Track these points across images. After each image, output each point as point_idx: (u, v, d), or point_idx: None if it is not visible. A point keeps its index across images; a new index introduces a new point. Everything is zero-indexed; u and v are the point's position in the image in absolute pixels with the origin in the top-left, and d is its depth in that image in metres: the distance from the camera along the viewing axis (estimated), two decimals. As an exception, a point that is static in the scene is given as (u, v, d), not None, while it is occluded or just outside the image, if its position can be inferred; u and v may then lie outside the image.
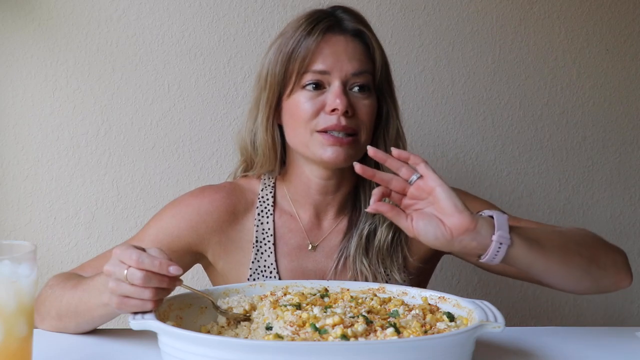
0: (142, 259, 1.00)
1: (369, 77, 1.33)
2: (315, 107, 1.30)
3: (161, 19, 1.83)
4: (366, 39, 1.35)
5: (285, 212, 1.40)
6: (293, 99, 1.32)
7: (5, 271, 0.93)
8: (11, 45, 1.79)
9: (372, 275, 1.35)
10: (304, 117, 1.30)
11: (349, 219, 1.41)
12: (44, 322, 1.23)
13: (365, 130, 1.32)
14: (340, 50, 1.31)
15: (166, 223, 1.37)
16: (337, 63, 1.30)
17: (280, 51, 1.33)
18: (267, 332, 1.02)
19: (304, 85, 1.31)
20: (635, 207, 2.07)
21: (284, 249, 1.38)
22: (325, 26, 1.32)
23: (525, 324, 2.01)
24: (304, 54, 1.31)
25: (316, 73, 1.30)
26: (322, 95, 1.30)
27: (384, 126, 1.38)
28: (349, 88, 1.31)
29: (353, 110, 1.30)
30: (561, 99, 2.01)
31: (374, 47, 1.35)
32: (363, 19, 1.38)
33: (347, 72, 1.30)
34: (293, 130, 1.33)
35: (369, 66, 1.33)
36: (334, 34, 1.33)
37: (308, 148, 1.32)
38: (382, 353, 0.91)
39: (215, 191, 1.40)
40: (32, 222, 1.82)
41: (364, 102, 1.32)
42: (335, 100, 1.28)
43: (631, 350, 1.19)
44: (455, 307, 1.12)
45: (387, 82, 1.38)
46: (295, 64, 1.31)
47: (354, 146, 1.31)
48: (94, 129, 1.83)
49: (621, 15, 2.01)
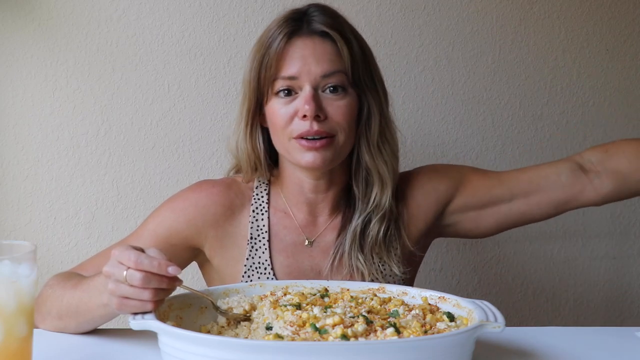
0: (140, 259, 1.00)
1: (342, 76, 1.30)
2: (289, 113, 1.29)
3: (161, 19, 1.83)
4: (335, 38, 1.31)
5: (279, 210, 1.41)
6: (270, 106, 1.32)
7: (5, 271, 0.93)
8: (11, 45, 1.79)
9: (368, 270, 1.35)
10: (280, 124, 1.30)
11: (343, 215, 1.41)
12: (44, 322, 1.23)
13: (342, 131, 1.30)
14: (307, 53, 1.29)
15: (164, 218, 1.37)
16: (305, 67, 1.29)
17: (254, 58, 1.33)
18: (267, 332, 1.02)
19: (276, 92, 1.31)
20: (635, 207, 2.07)
21: (279, 246, 1.38)
22: (291, 29, 1.31)
23: (525, 324, 2.01)
24: (273, 61, 1.30)
25: (285, 79, 1.29)
26: (295, 101, 1.30)
27: (365, 123, 1.36)
28: (321, 90, 1.30)
29: (325, 113, 1.29)
30: (561, 99, 2.01)
31: (342, 44, 1.30)
32: (334, 15, 1.34)
33: (317, 75, 1.29)
34: (274, 136, 1.34)
35: (341, 65, 1.30)
36: (300, 37, 1.31)
37: (289, 153, 1.32)
38: (382, 353, 0.91)
39: (213, 185, 1.40)
40: (32, 222, 1.82)
41: (337, 103, 1.30)
42: (304, 107, 1.27)
43: (631, 350, 1.19)
44: (455, 307, 1.12)
45: (368, 77, 1.35)
46: (266, 71, 1.30)
47: (331, 148, 1.30)
48: (94, 129, 1.83)
49: (621, 15, 2.01)
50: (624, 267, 2.07)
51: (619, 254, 2.06)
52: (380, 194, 1.37)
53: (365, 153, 1.36)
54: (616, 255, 1.95)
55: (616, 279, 2.04)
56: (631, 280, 2.08)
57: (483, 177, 1.45)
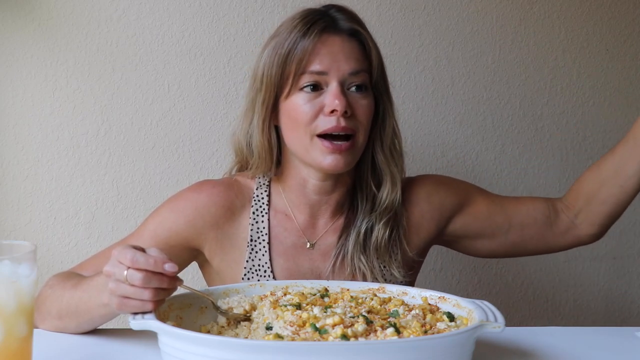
0: (136, 257, 1.00)
1: (366, 76, 1.33)
2: (314, 109, 1.29)
3: (161, 19, 1.83)
4: (362, 38, 1.34)
5: (280, 212, 1.40)
6: (291, 101, 1.31)
7: (5, 271, 0.93)
8: (11, 45, 1.79)
9: (370, 272, 1.36)
10: (304, 119, 1.30)
11: (345, 217, 1.41)
12: (44, 322, 1.23)
13: (362, 130, 1.32)
14: (336, 50, 1.31)
15: (164, 218, 1.37)
16: (334, 63, 1.30)
17: (276, 53, 1.32)
18: (267, 332, 1.02)
19: (301, 87, 1.30)
20: (635, 207, 2.07)
21: (279, 248, 1.38)
22: (321, 27, 1.31)
23: (525, 324, 2.01)
24: (300, 55, 1.30)
25: (313, 74, 1.30)
26: (320, 97, 1.30)
27: (380, 125, 1.37)
28: (346, 88, 1.31)
29: (352, 110, 1.30)
30: (561, 99, 2.01)
31: (370, 46, 1.34)
32: (357, 17, 1.37)
33: (345, 72, 1.30)
34: (292, 133, 1.33)
35: (366, 65, 1.33)
36: (330, 34, 1.32)
37: (308, 153, 1.31)
38: (382, 353, 0.91)
39: (213, 185, 1.40)
40: (32, 222, 1.83)
41: (362, 102, 1.31)
42: (334, 101, 1.28)
43: (631, 350, 1.19)
44: (455, 307, 1.12)
45: (383, 80, 1.38)
46: (292, 66, 1.30)
47: (352, 151, 1.31)
48: (94, 129, 1.83)
49: (621, 15, 2.01)
50: (624, 267, 2.07)
51: (619, 254, 2.06)
52: (391, 194, 1.37)
53: (380, 154, 1.38)
54: (616, 255, 1.94)
55: (616, 279, 2.04)
56: (631, 280, 2.08)
57: (487, 200, 1.46)
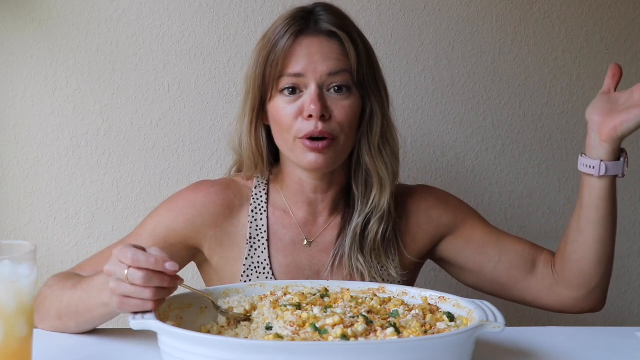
0: (137, 257, 1.00)
1: (347, 75, 1.31)
2: (294, 111, 1.30)
3: (161, 19, 1.83)
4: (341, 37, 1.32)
5: (278, 209, 1.41)
6: (274, 103, 1.32)
7: (5, 271, 0.93)
8: (11, 45, 1.79)
9: (368, 272, 1.36)
10: (285, 122, 1.30)
11: (342, 215, 1.41)
12: (44, 322, 1.23)
13: (344, 131, 1.31)
14: (314, 51, 1.30)
15: (163, 217, 1.37)
16: (312, 65, 1.29)
17: (260, 55, 1.34)
18: (267, 332, 1.02)
19: (281, 89, 1.31)
20: (635, 207, 2.07)
21: (278, 245, 1.38)
22: (299, 28, 1.31)
23: (525, 324, 2.01)
24: (279, 57, 1.30)
25: (291, 76, 1.30)
26: (299, 99, 1.30)
27: (367, 124, 1.36)
28: (326, 89, 1.30)
29: (329, 112, 1.29)
30: (561, 99, 2.01)
31: (349, 45, 1.31)
32: (342, 15, 1.36)
33: (322, 73, 1.29)
34: (278, 134, 1.34)
35: (347, 64, 1.31)
36: (308, 35, 1.31)
37: (293, 153, 1.32)
38: (382, 353, 0.91)
39: (211, 185, 1.41)
40: (32, 222, 1.82)
41: (342, 102, 1.30)
42: (310, 106, 1.28)
43: (631, 350, 1.19)
44: (455, 307, 1.12)
45: (372, 79, 1.36)
46: (272, 68, 1.31)
47: (333, 149, 1.30)
48: (94, 129, 1.83)
49: (621, 15, 2.01)
50: (624, 267, 2.07)
51: (619, 254, 2.06)
52: (380, 195, 1.37)
53: (366, 154, 1.36)
54: (616, 255, 1.93)
55: (616, 279, 2.04)
56: (631, 280, 2.08)
57: (484, 230, 1.44)
